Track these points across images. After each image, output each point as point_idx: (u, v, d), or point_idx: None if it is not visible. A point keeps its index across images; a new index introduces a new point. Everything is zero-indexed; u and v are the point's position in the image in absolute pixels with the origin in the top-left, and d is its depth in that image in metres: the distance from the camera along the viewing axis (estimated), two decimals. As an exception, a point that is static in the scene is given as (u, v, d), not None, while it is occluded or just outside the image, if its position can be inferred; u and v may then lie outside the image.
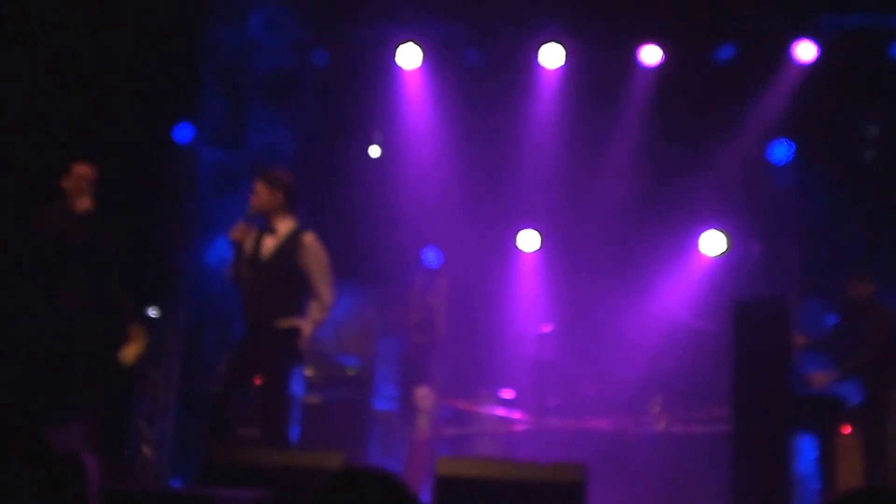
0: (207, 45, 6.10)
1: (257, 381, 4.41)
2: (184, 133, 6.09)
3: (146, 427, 5.45)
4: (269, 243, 4.39)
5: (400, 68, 6.60)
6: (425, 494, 4.75)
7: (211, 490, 3.06)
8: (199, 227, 6.14)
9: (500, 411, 6.11)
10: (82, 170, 4.50)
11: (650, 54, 6.40)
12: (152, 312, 5.63)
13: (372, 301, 6.86)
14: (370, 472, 1.43)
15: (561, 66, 6.47)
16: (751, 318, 4.79)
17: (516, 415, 6.08)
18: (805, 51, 6.17)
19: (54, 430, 1.23)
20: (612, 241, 6.53)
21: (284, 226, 4.41)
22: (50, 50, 5.21)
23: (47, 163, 4.65)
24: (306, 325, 4.34)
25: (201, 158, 6.22)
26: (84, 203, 4.45)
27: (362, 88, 6.71)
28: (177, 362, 5.75)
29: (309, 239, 4.37)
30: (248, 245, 4.41)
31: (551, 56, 6.42)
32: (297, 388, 5.57)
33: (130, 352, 4.42)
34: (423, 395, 6.05)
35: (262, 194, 4.38)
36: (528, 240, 6.89)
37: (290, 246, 4.36)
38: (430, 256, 6.77)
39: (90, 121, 5.27)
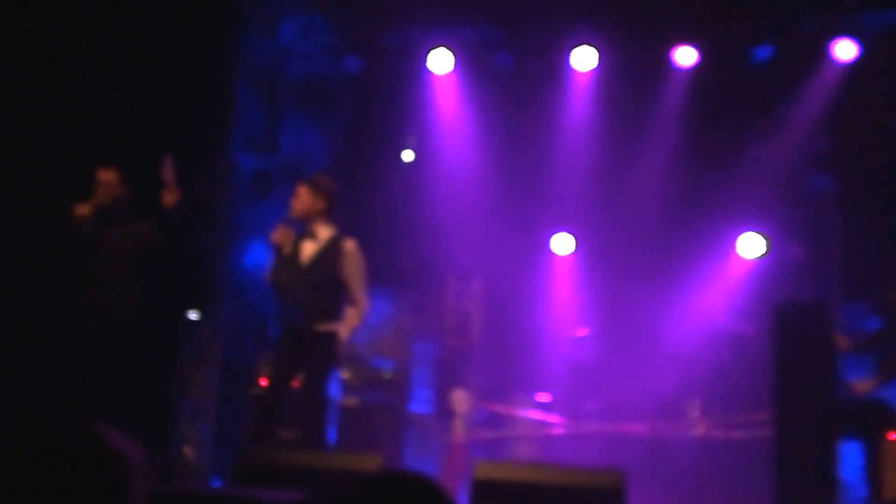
0: (241, 51, 6.17)
1: (295, 384, 4.45)
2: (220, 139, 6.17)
3: (188, 427, 5.53)
4: (309, 248, 4.42)
5: (431, 73, 6.61)
6: (462, 498, 4.74)
7: (251, 491, 3.08)
8: (235, 231, 6.22)
9: (537, 415, 6.07)
10: (99, 175, 4.69)
11: (685, 56, 6.33)
12: (193, 315, 5.72)
13: (407, 305, 6.87)
14: (407, 476, 1.42)
15: (594, 69, 6.43)
16: (792, 322, 4.71)
17: (553, 418, 6.04)
18: (845, 49, 6.05)
19: (105, 427, 1.26)
20: (649, 243, 6.47)
21: (325, 232, 4.43)
22: (85, 58, 5.31)
23: (86, 170, 4.77)
24: (343, 330, 4.37)
25: (237, 164, 6.30)
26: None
27: (395, 93, 6.73)
28: (217, 364, 5.82)
29: (350, 246, 4.40)
30: (287, 249, 4.45)
31: (584, 59, 6.38)
32: (334, 391, 5.60)
33: (169, 195, 4.61)
34: (459, 399, 6.04)
35: (304, 199, 4.41)
36: (563, 243, 6.85)
37: (332, 252, 4.38)
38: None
39: (128, 128, 5.36)
